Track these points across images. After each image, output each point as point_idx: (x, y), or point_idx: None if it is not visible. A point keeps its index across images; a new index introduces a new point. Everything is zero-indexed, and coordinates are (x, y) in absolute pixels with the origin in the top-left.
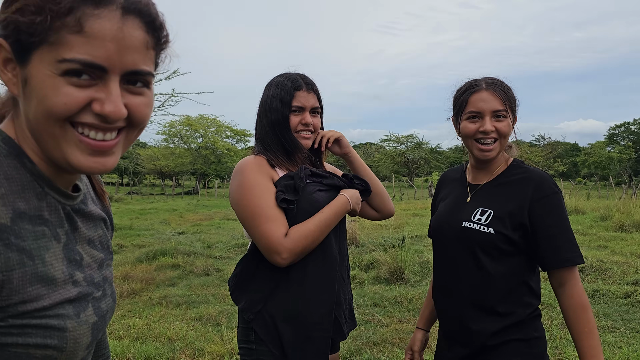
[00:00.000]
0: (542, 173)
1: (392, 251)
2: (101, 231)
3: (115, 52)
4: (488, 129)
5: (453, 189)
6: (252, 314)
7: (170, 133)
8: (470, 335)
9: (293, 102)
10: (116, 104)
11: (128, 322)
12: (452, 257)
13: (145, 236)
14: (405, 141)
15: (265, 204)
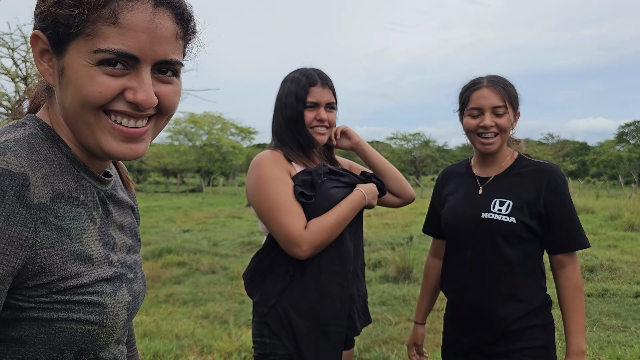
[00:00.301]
0: (552, 164)
1: (400, 250)
2: (130, 219)
3: (147, 42)
4: (487, 124)
5: (460, 182)
6: (266, 308)
7: (175, 130)
8: (496, 322)
9: (308, 98)
10: (148, 93)
11: (135, 319)
12: (471, 248)
13: (150, 234)
14: (412, 139)
15: (284, 197)
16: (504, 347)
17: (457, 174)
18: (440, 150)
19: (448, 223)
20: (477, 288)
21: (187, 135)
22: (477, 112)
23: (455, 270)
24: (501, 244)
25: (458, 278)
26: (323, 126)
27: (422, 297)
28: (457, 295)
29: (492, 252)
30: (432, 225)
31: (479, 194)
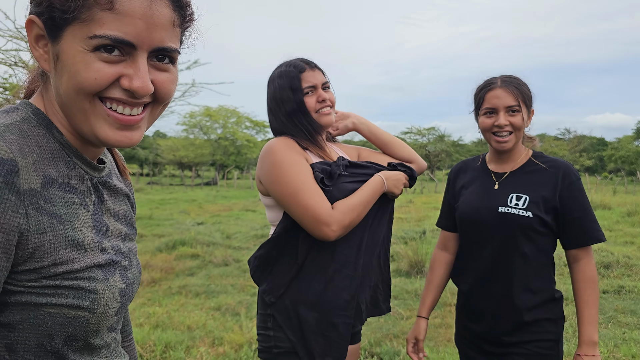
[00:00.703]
0: (566, 162)
1: (412, 244)
2: (125, 207)
3: (144, 29)
4: (502, 123)
5: (475, 177)
6: (274, 297)
7: (190, 124)
8: (510, 312)
9: (303, 84)
10: (144, 80)
11: (148, 310)
12: (487, 241)
13: (164, 226)
14: (427, 134)
15: (308, 178)
16: (516, 338)
17: (471, 168)
18: (455, 145)
19: (464, 216)
20: (492, 280)
21: (202, 128)
22: (492, 112)
23: (469, 263)
24: (518, 237)
25: (473, 270)
26: (327, 106)
27: (428, 290)
28: (471, 287)
29: (508, 245)
30: (446, 219)
31: (495, 189)
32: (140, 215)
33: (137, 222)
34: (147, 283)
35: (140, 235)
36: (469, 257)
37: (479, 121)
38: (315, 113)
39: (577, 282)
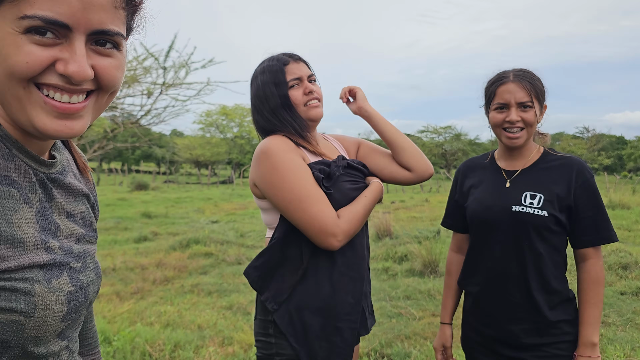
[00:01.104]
0: (579, 159)
1: (426, 243)
2: (84, 207)
3: (79, 9)
4: (513, 119)
5: (484, 175)
6: (276, 304)
7: (207, 122)
8: (525, 314)
9: (288, 77)
10: (80, 64)
11: (159, 309)
12: (500, 241)
13: (179, 224)
14: (444, 132)
15: (310, 185)
16: (535, 340)
17: (480, 166)
18: (471, 144)
19: (475, 216)
20: (506, 281)
21: (218, 127)
22: (503, 107)
23: (480, 264)
24: (532, 237)
25: (485, 271)
26: (314, 98)
27: (447, 294)
28: (482, 289)
29: (523, 245)
30: (452, 218)
31: (507, 187)
32: (156, 213)
33: (152, 220)
34: (160, 281)
35: (155, 233)
36: (480, 258)
37: (489, 116)
38: (304, 107)
39: (582, 282)
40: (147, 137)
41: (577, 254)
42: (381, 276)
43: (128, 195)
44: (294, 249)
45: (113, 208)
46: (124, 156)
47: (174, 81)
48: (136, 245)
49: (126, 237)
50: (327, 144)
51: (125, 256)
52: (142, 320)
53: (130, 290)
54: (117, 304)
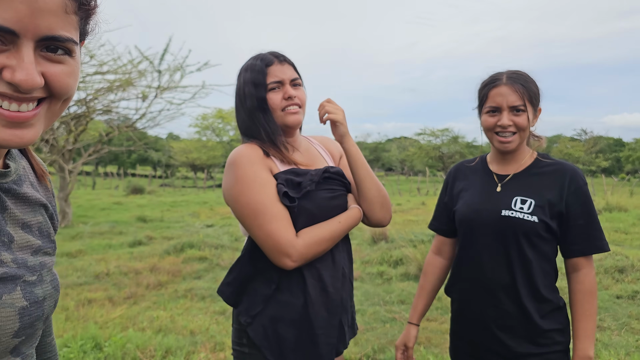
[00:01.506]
0: (573, 165)
1: (421, 247)
2: (41, 218)
3: (26, 14)
4: (505, 124)
5: (475, 179)
6: (249, 317)
7: (203, 126)
8: (514, 322)
9: (268, 79)
10: (28, 72)
11: (152, 314)
12: (488, 246)
13: (174, 228)
14: (441, 135)
15: (268, 200)
16: (525, 349)
17: (472, 170)
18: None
19: (464, 219)
20: (495, 288)
21: (214, 130)
22: (495, 111)
23: (468, 269)
24: (521, 242)
25: (473, 278)
26: (294, 104)
27: (420, 295)
28: (470, 295)
29: (511, 251)
30: (439, 221)
31: (498, 192)
32: (151, 217)
33: (147, 224)
34: (154, 286)
35: (149, 237)
36: (468, 263)
37: (481, 119)
38: (281, 112)
39: (576, 294)
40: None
41: (568, 263)
42: (376, 280)
43: (123, 199)
44: (265, 261)
45: (108, 212)
46: (120, 160)
47: (169, 84)
48: (130, 249)
49: (121, 241)
50: (310, 149)
51: (119, 261)
52: (134, 325)
53: (124, 295)
54: (109, 309)
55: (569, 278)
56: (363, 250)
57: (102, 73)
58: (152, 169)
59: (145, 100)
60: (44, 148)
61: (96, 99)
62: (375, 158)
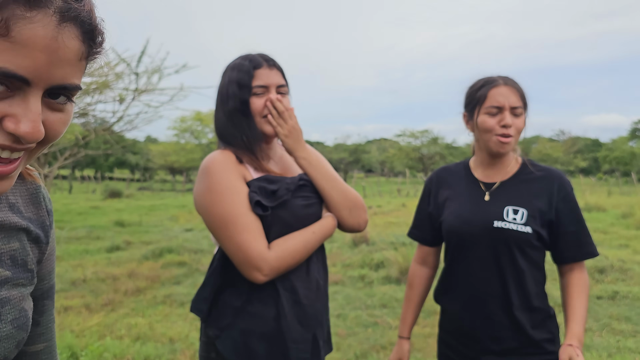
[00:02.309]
0: (560, 172)
1: (403, 250)
2: (16, 244)
3: (44, 64)
4: (509, 123)
5: (460, 187)
6: (218, 330)
7: (181, 128)
8: (508, 332)
9: (254, 82)
10: (35, 124)
11: (130, 322)
12: (479, 257)
13: (153, 233)
14: (421, 136)
15: (239, 211)
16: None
17: (455, 177)
18: (448, 147)
19: (453, 231)
20: (487, 299)
21: (193, 133)
22: (497, 111)
23: (460, 281)
24: (515, 253)
25: (464, 289)
26: None
27: (408, 308)
28: (461, 306)
29: (503, 262)
30: (421, 230)
31: (486, 201)
32: (129, 221)
33: (126, 229)
34: (132, 292)
35: (127, 242)
36: (458, 274)
37: (478, 121)
38: (261, 118)
39: (572, 286)
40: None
41: (561, 268)
42: (357, 284)
43: (101, 204)
44: (235, 271)
45: (85, 217)
46: (98, 163)
47: (147, 87)
48: (108, 254)
49: (98, 246)
50: (284, 156)
51: (97, 266)
52: (111, 333)
53: (101, 302)
54: (86, 316)
55: (562, 278)
56: (344, 253)
57: None
58: (130, 173)
59: (123, 103)
60: None
61: None
62: (355, 159)
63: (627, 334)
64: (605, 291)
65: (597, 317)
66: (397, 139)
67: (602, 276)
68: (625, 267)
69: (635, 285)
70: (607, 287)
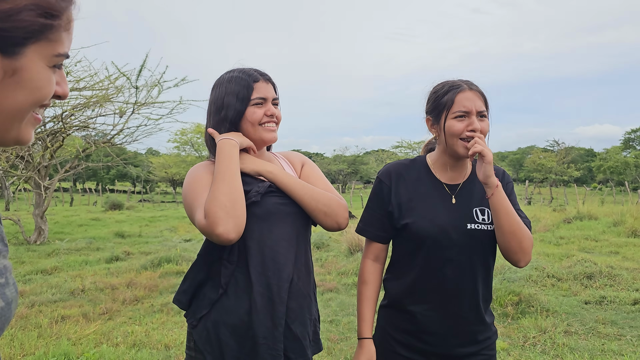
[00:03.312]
0: (500, 168)
1: None
2: None
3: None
4: (477, 127)
5: (423, 188)
6: (195, 320)
7: (182, 141)
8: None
9: (254, 95)
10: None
11: (127, 329)
12: (454, 259)
13: (152, 243)
14: (417, 147)
15: (203, 194)
16: (472, 348)
17: (414, 178)
18: None
19: (424, 234)
20: (460, 298)
21: (193, 145)
22: (464, 115)
23: (430, 283)
24: (487, 251)
25: (434, 290)
26: (273, 122)
27: (366, 306)
28: (431, 307)
29: (476, 261)
30: (377, 228)
31: (453, 204)
32: (129, 233)
33: (125, 240)
34: (130, 301)
35: (127, 253)
36: (429, 277)
37: (446, 125)
38: (259, 126)
39: None
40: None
41: None
42: (351, 291)
43: (102, 215)
44: (215, 266)
45: (86, 228)
46: (99, 176)
47: (147, 100)
48: (107, 265)
49: (98, 257)
50: (273, 162)
51: (96, 277)
52: (108, 341)
53: (99, 311)
54: (83, 325)
55: None
56: (339, 261)
57: (79, 89)
58: (131, 185)
59: (123, 116)
60: (19, 164)
61: (73, 115)
62: (353, 171)
63: (612, 337)
64: (592, 296)
65: (584, 321)
66: (394, 150)
67: (591, 282)
68: (613, 273)
69: (622, 290)
70: (594, 293)
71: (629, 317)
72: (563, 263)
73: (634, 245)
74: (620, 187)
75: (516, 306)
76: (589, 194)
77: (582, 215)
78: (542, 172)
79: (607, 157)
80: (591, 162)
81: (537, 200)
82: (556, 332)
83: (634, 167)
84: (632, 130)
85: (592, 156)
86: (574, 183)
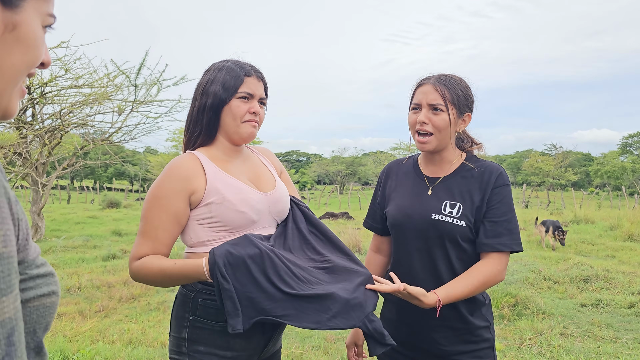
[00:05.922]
0: (498, 165)
1: None
2: None
3: None
4: (421, 119)
5: (406, 180)
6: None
7: (179, 140)
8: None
9: (242, 89)
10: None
11: (123, 327)
12: (418, 249)
13: None
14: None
15: (155, 220)
16: (456, 348)
17: (403, 171)
18: None
19: (395, 222)
20: (425, 289)
21: None
22: (417, 108)
23: (401, 272)
24: (446, 245)
25: (405, 279)
26: (255, 121)
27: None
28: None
29: (436, 253)
30: (373, 220)
31: (428, 195)
32: (126, 231)
33: (122, 238)
34: (127, 299)
35: (124, 251)
36: (399, 265)
37: (408, 118)
38: (241, 122)
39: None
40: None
41: (480, 255)
42: None
43: (99, 213)
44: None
45: (83, 226)
46: (97, 174)
47: (146, 98)
48: (104, 263)
49: (94, 255)
50: (250, 156)
51: (92, 274)
52: (104, 338)
53: (95, 308)
54: (79, 322)
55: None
56: None
57: (78, 87)
58: (129, 183)
59: (122, 114)
60: (17, 161)
61: (71, 112)
62: (351, 172)
63: (607, 340)
64: (589, 299)
65: (580, 324)
66: (392, 152)
67: (587, 285)
68: (609, 276)
69: (618, 293)
70: (590, 296)
71: (625, 320)
72: (560, 266)
73: (630, 249)
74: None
75: (512, 308)
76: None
77: (579, 219)
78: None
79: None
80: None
81: (534, 204)
82: (552, 334)
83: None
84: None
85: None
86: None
